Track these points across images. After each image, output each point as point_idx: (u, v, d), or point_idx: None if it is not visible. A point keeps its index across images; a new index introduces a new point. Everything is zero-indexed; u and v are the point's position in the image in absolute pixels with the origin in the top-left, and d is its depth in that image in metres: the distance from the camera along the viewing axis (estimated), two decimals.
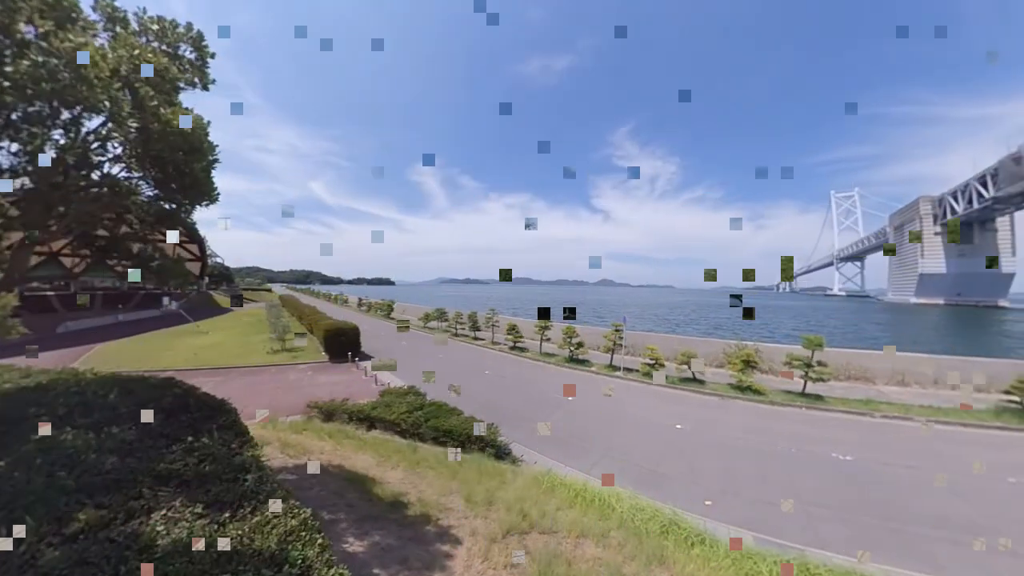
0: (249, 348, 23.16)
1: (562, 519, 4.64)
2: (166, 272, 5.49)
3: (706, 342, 22.78)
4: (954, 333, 53.55)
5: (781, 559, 4.97)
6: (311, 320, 27.60)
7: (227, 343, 25.28)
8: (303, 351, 22.37)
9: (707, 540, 5.12)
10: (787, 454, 10.40)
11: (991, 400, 14.82)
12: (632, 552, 4.26)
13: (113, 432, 3.84)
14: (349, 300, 68.72)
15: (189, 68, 4.97)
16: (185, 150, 4.77)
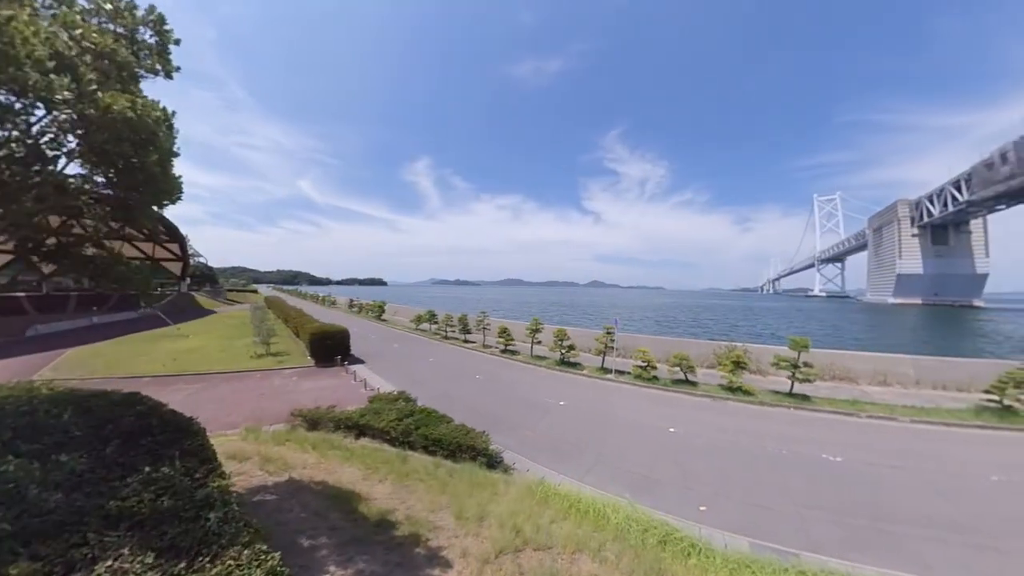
0: (232, 352, 22.49)
1: (557, 533, 4.48)
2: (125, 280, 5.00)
3: (696, 343, 22.97)
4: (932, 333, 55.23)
5: (777, 566, 4.91)
6: (297, 323, 26.97)
7: (209, 347, 24.51)
8: (288, 355, 21.82)
9: (703, 549, 5.03)
10: (778, 456, 10.44)
11: (971, 399, 15.22)
12: (629, 567, 4.13)
13: (62, 461, 3.44)
14: (339, 302, 67.40)
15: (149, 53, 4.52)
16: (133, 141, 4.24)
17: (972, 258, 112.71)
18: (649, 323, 57.16)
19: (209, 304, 61.97)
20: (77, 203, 4.44)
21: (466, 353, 24.47)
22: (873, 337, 47.53)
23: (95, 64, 3.91)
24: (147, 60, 4.52)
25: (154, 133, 4.50)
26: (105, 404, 4.63)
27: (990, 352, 33.99)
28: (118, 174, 4.44)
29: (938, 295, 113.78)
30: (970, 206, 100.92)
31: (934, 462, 10.39)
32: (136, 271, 5.48)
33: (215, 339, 27.91)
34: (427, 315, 33.35)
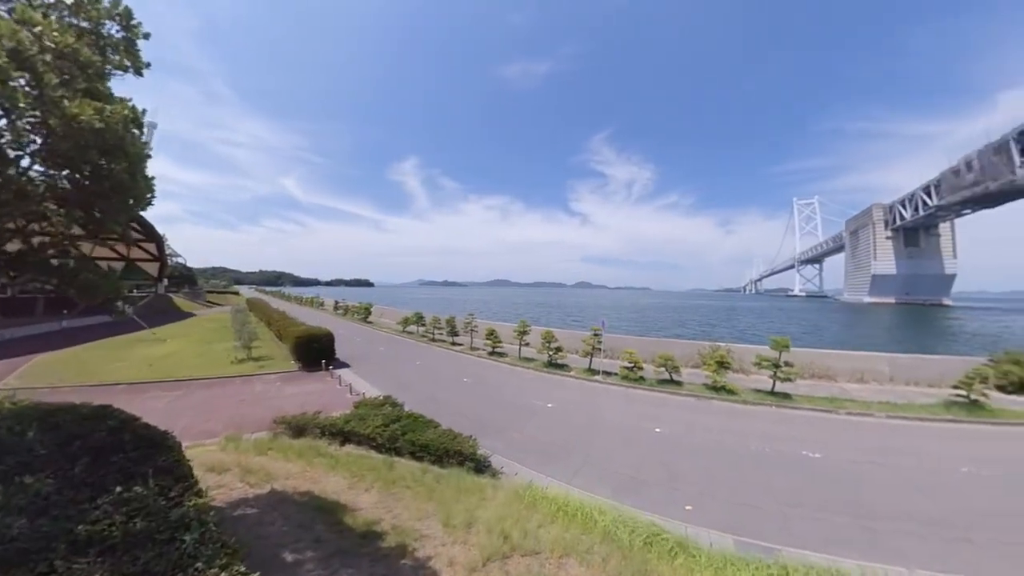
0: (211, 357, 21.82)
1: (544, 537, 4.46)
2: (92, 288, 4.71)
3: (681, 344, 23.32)
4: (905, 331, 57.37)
5: (761, 563, 4.99)
6: (280, 326, 26.33)
7: (187, 352, 23.74)
8: (271, 360, 21.29)
9: (690, 548, 5.09)
10: (761, 454, 10.66)
11: (942, 395, 15.87)
12: (616, 568, 4.15)
13: (27, 483, 3.23)
14: (325, 303, 65.99)
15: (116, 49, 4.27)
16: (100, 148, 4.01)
17: (941, 259, 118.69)
18: (635, 324, 57.87)
19: (188, 306, 60.00)
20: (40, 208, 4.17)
21: (453, 356, 24.32)
22: (850, 336, 49.11)
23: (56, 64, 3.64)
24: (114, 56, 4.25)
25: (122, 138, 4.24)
26: (73, 419, 4.37)
27: (958, 349, 35.51)
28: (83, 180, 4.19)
29: (910, 294, 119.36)
30: (939, 210, 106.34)
31: (908, 457, 10.78)
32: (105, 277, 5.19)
33: (194, 343, 27.05)
34: (414, 317, 33.03)
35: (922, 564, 5.82)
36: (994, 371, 16.63)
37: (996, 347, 20.70)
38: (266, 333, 30.51)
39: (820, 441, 11.64)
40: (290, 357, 21.30)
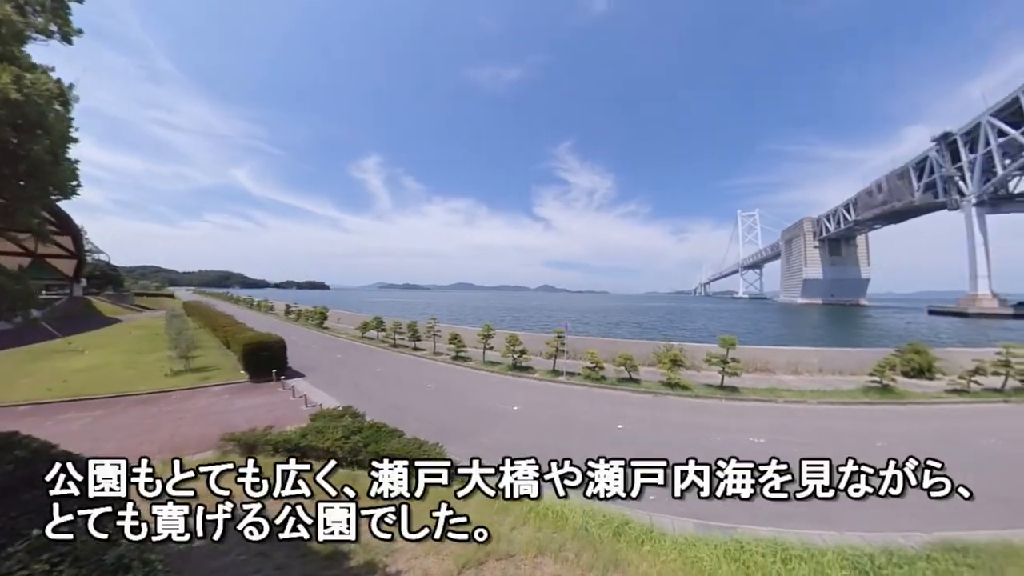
0: (142, 369, 19.66)
1: (518, 539, 4.50)
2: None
3: (639, 344, 24.41)
4: (831, 328, 63.96)
5: (719, 540, 5.37)
6: (227, 332, 24.20)
7: (111, 364, 21.16)
8: (217, 370, 19.57)
9: (655, 535, 5.37)
10: (713, 443, 11.50)
11: (860, 381, 17.97)
12: (589, 561, 4.29)
13: None
14: (275, 307, 61.40)
15: (41, 10, 3.74)
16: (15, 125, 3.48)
17: (858, 266, 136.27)
18: (597, 326, 59.68)
19: (111, 311, 53.33)
20: None
21: (416, 361, 23.74)
22: (786, 333, 53.96)
23: None
24: (37, 19, 3.69)
25: (43, 114, 3.69)
26: None
27: (872, 342, 40.17)
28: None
29: (834, 296, 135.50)
30: (856, 225, 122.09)
31: (835, 436, 12.21)
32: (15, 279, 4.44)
33: (120, 354, 24.17)
34: (374, 322, 31.81)
35: (848, 527, 6.54)
36: (900, 360, 19.13)
37: (902, 340, 23.76)
38: (210, 340, 28.02)
39: (763, 428, 12.78)
40: (239, 367, 19.72)
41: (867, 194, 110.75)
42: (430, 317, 29.01)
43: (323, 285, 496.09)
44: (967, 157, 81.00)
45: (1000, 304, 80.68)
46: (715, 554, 4.98)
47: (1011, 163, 73.56)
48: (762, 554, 4.92)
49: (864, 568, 4.64)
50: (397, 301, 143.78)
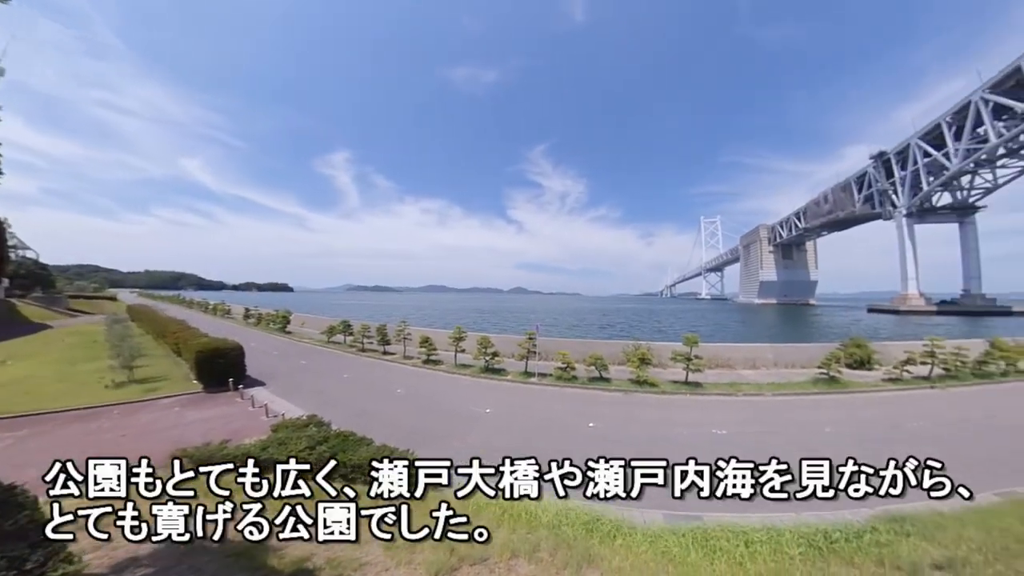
0: (77, 381, 17.86)
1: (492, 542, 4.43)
2: None
3: (608, 344, 24.99)
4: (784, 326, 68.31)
5: (687, 529, 5.56)
6: (178, 338, 22.40)
7: (39, 376, 19.06)
8: (165, 380, 18.12)
9: (625, 528, 5.48)
10: (679, 436, 11.98)
11: (810, 374, 19.29)
12: (564, 559, 4.30)
13: None
14: (233, 310, 57.58)
15: None
16: None
17: (808, 269, 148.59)
18: (569, 327, 60.56)
19: (40, 316, 48.09)
20: None
21: (385, 366, 23.09)
22: (744, 331, 57.11)
23: None
24: None
25: None
26: None
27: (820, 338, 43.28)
28: None
29: (787, 297, 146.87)
30: (805, 232, 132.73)
31: (789, 424, 13.12)
32: None
33: (50, 364, 21.83)
34: (341, 325, 30.60)
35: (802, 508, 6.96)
36: (844, 353, 20.80)
37: (845, 335, 25.72)
38: (158, 348, 25.94)
39: (725, 420, 13.49)
40: (191, 376, 18.36)
41: (815, 204, 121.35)
42: (400, 320, 28.34)
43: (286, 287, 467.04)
44: (899, 174, 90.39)
45: (926, 303, 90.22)
46: (683, 543, 5.17)
47: (934, 180, 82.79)
48: (727, 539, 5.16)
49: (818, 544, 4.97)
50: (366, 304, 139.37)
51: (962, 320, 71.02)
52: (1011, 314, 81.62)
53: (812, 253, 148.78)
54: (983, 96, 67.91)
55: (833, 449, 10.53)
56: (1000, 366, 20.06)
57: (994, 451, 10.91)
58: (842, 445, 11.08)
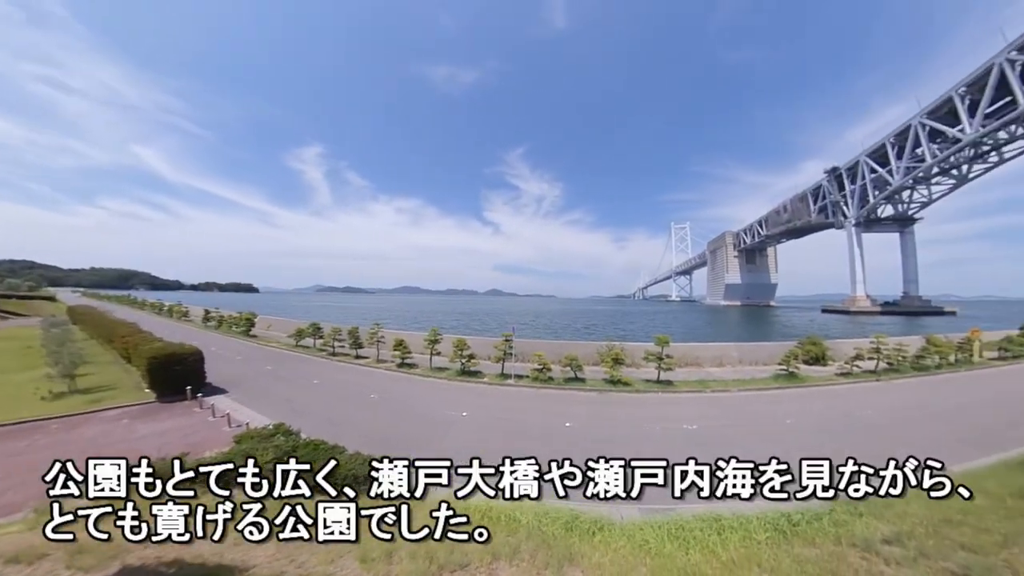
0: (7, 394, 16.12)
1: (472, 548, 4.36)
2: None
3: (583, 345, 25.37)
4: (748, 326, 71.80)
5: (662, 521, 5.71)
6: (128, 343, 20.69)
7: None
8: (113, 390, 16.73)
9: (604, 524, 5.56)
10: (653, 432, 12.37)
11: (772, 370, 20.41)
12: (545, 560, 4.30)
13: None
14: (191, 312, 53.93)
15: None
16: None
17: (768, 273, 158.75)
18: (545, 329, 61.03)
19: None
20: None
21: (358, 370, 22.39)
22: (712, 331, 59.59)
23: None
24: None
25: None
26: None
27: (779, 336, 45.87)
28: None
29: (750, 299, 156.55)
30: (767, 238, 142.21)
31: (754, 417, 13.90)
32: None
33: None
34: (310, 328, 29.39)
35: None
36: (801, 351, 22.14)
37: (802, 334, 27.37)
38: (105, 354, 23.96)
39: (695, 415, 14.07)
40: (143, 384, 17.07)
41: (775, 213, 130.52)
42: (373, 323, 27.59)
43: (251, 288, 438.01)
44: (849, 187, 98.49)
45: (872, 304, 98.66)
46: (659, 535, 5.31)
47: (879, 194, 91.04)
48: (700, 528, 5.36)
49: (782, 528, 5.25)
50: (337, 305, 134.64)
51: (903, 319, 77.79)
52: (943, 314, 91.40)
53: (773, 258, 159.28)
54: (921, 121, 75.27)
55: (793, 438, 11.56)
56: (935, 360, 22.05)
57: (931, 435, 11.99)
58: (801, 435, 12.02)
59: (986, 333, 25.69)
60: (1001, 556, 4.19)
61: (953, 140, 70.34)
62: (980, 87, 64.00)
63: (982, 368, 22.25)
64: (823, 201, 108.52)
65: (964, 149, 70.86)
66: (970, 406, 15.24)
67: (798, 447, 10.82)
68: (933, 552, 4.35)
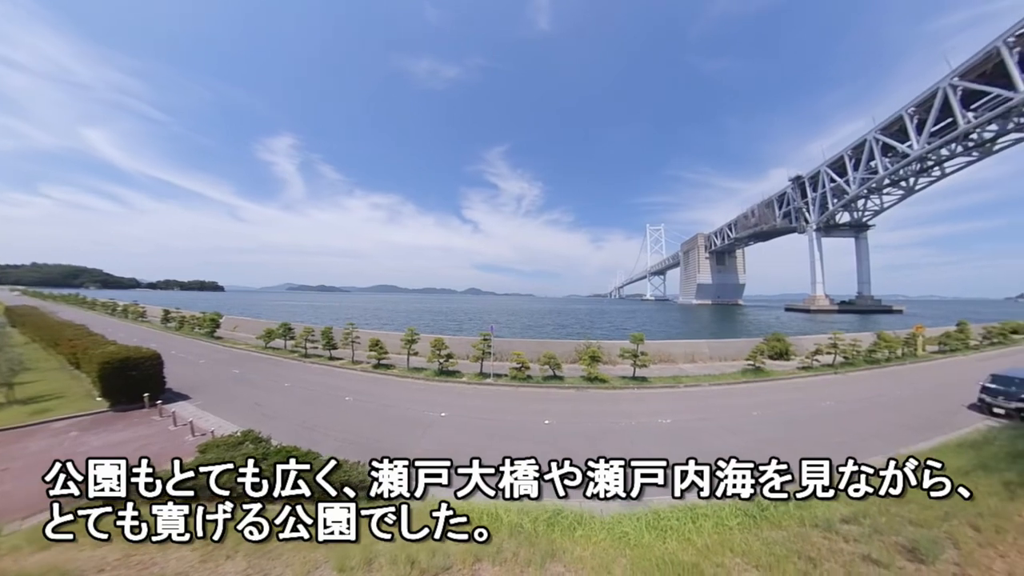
0: None
1: (454, 550, 4.30)
2: None
3: (561, 343, 25.66)
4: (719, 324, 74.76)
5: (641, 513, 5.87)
6: (76, 347, 19.17)
7: None
8: (59, 399, 15.47)
9: (585, 518, 5.66)
10: (629, 427, 12.71)
11: (740, 365, 21.35)
12: (527, 557, 4.31)
13: None
14: (149, 313, 50.43)
15: None
16: None
17: (737, 274, 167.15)
18: (522, 327, 61.29)
19: None
20: None
21: (332, 372, 21.74)
22: (684, 328, 61.62)
23: None
24: None
25: None
26: None
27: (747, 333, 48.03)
28: None
29: (720, 298, 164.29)
30: (736, 241, 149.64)
31: (724, 410, 14.54)
32: None
33: None
34: (281, 329, 28.23)
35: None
36: (766, 347, 23.32)
37: (767, 331, 28.79)
38: (50, 359, 22.12)
39: (669, 410, 14.60)
40: (94, 392, 15.88)
41: (744, 217, 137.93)
42: (348, 322, 26.84)
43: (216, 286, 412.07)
44: (811, 195, 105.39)
45: (830, 303, 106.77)
46: (638, 526, 5.48)
47: (837, 202, 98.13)
48: (676, 518, 5.56)
49: (752, 513, 5.55)
50: (309, 305, 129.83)
51: (857, 317, 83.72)
52: (892, 312, 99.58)
53: (741, 260, 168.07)
54: (875, 136, 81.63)
55: (759, 430, 12.30)
56: (885, 354, 23.76)
57: (882, 423, 12.98)
58: (767, 426, 12.72)
59: (928, 329, 27.89)
60: (943, 528, 4.57)
61: (902, 155, 76.71)
62: (927, 108, 69.96)
63: (925, 361, 24.18)
64: (787, 207, 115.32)
65: (912, 163, 77.34)
66: (914, 396, 16.55)
67: (763, 438, 11.52)
68: (885, 528, 4.69)
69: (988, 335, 30.62)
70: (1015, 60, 55.99)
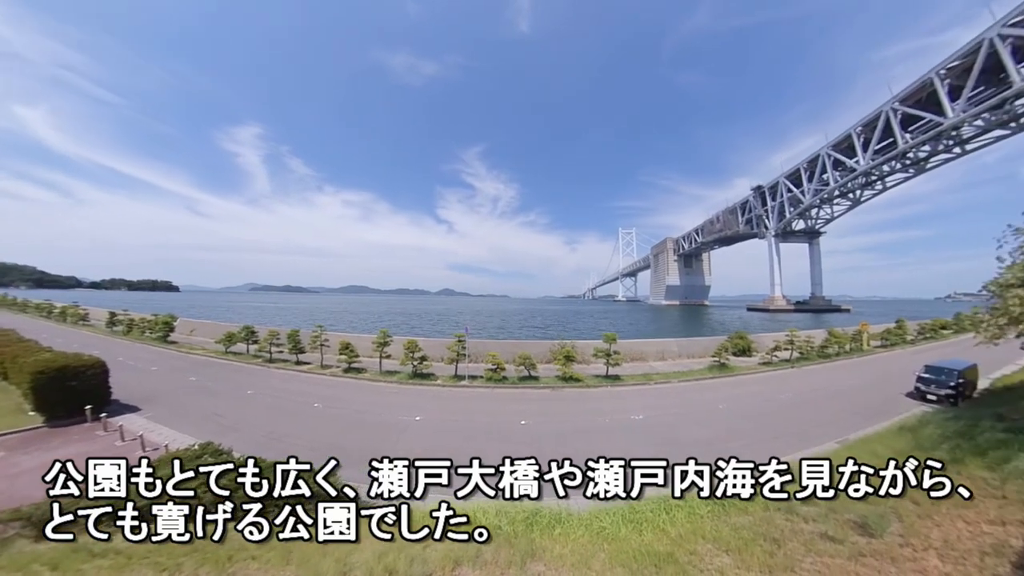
0: None
1: (432, 556, 4.19)
2: None
3: (536, 344, 25.84)
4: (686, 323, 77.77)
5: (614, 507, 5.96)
6: (5, 354, 17.16)
7: None
8: None
9: (563, 516, 5.69)
10: (604, 424, 13.00)
11: (706, 362, 22.30)
12: (508, 558, 4.28)
13: None
14: (92, 315, 46.05)
15: None
16: None
17: (703, 276, 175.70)
18: (497, 329, 61.17)
19: None
20: None
21: (299, 378, 20.81)
22: (654, 328, 63.67)
23: None
24: None
25: None
26: None
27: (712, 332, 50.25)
28: None
29: (687, 299, 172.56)
30: (702, 245, 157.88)
31: (692, 405, 15.10)
32: None
33: None
34: (243, 332, 26.63)
35: None
36: (730, 344, 24.44)
37: (731, 329, 30.33)
38: None
39: (641, 406, 15.03)
40: (25, 406, 14.36)
41: (709, 223, 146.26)
42: (316, 325, 25.78)
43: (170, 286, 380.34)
44: (771, 203, 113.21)
45: (787, 303, 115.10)
46: (615, 520, 5.58)
47: (793, 210, 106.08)
48: (651, 510, 5.70)
49: (721, 501, 5.74)
50: (274, 306, 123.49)
51: (811, 316, 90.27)
52: (841, 311, 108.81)
53: (707, 263, 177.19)
54: (827, 151, 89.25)
55: (725, 421, 13.01)
56: (835, 349, 25.63)
57: (835, 411, 14.06)
58: (732, 418, 13.45)
59: (872, 326, 30.34)
60: (889, 504, 4.97)
61: (851, 169, 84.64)
62: (872, 128, 77.67)
63: (869, 355, 26.29)
64: (749, 214, 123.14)
65: (858, 177, 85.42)
66: (861, 386, 17.99)
67: (730, 429, 12.20)
68: (839, 507, 5.05)
69: (922, 331, 33.78)
70: (945, 90, 62.89)
